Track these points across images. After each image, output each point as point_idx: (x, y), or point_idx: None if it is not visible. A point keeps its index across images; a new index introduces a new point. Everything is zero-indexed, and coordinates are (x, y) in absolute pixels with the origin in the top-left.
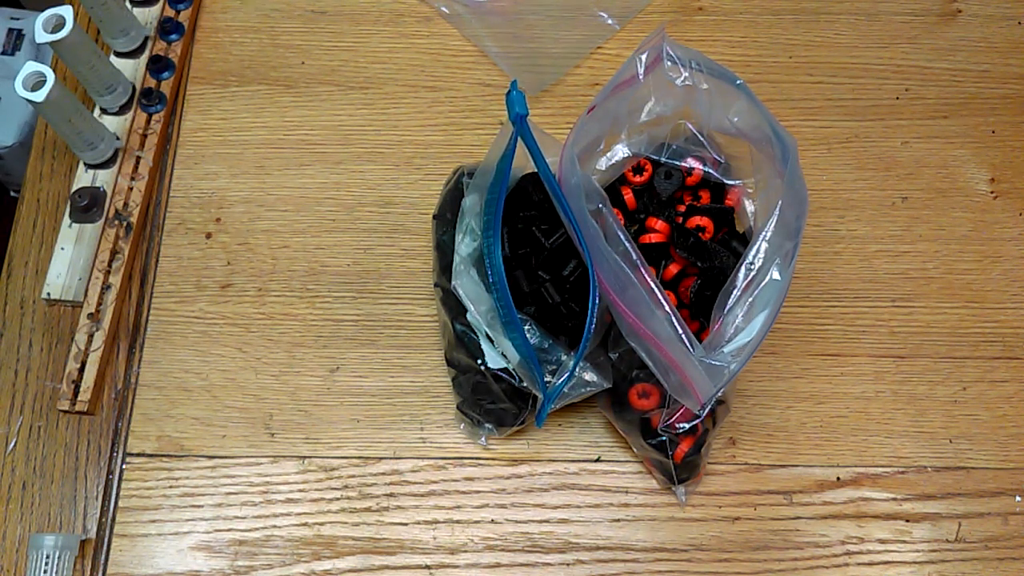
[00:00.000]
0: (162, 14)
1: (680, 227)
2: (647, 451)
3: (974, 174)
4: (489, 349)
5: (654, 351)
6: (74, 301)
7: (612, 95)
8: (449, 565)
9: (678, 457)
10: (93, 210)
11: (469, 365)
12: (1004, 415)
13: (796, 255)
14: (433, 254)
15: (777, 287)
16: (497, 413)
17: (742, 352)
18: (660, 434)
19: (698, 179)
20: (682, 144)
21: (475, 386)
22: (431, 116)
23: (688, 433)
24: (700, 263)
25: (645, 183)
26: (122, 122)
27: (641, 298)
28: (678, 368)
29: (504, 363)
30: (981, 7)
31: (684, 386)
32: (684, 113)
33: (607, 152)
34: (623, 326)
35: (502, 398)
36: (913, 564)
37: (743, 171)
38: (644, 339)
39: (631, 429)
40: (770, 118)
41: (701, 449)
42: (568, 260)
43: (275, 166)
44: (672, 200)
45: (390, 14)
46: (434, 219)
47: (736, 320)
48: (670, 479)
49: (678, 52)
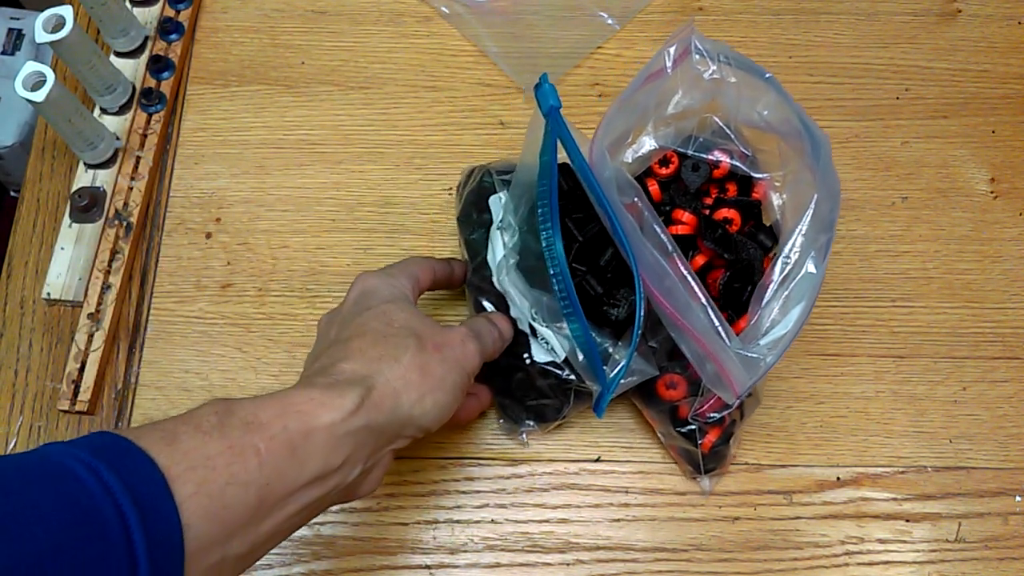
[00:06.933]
0: (162, 14)
1: (708, 219)
2: (675, 439)
3: (974, 174)
4: (535, 344)
5: (691, 341)
6: (74, 301)
7: (640, 88)
8: (449, 565)
9: (706, 447)
10: (93, 210)
11: (511, 362)
12: (1004, 415)
13: (830, 249)
14: (463, 254)
15: (812, 280)
16: (539, 409)
17: (778, 345)
18: (690, 423)
19: (725, 172)
20: (708, 137)
21: (518, 383)
22: (431, 116)
23: (716, 423)
24: (727, 255)
25: (671, 175)
26: (122, 122)
27: (678, 289)
28: (714, 359)
29: (551, 357)
30: (981, 7)
31: (720, 377)
32: (711, 106)
33: (634, 144)
34: (662, 316)
35: (546, 393)
36: (913, 564)
37: (770, 165)
38: (681, 330)
39: (661, 417)
40: (800, 112)
41: (729, 440)
42: (603, 250)
43: (275, 166)
44: (699, 193)
45: (390, 14)
46: (459, 221)
47: (772, 313)
48: (696, 468)
49: (706, 45)
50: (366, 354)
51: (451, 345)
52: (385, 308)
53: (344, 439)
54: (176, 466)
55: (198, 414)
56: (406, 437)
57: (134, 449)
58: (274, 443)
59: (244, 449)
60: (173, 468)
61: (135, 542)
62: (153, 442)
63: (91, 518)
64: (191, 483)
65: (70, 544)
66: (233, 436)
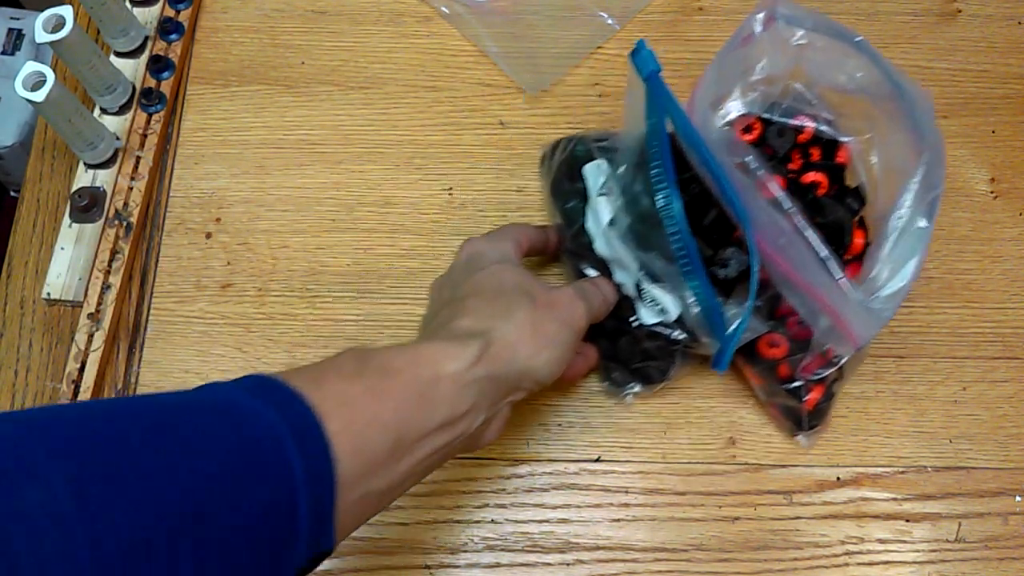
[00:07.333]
0: (162, 14)
1: (795, 183)
2: (778, 397)
3: (974, 174)
4: (641, 307)
5: (807, 297)
6: (74, 301)
7: (728, 54)
8: (449, 565)
9: (810, 404)
10: (93, 210)
11: (617, 326)
12: (1004, 415)
13: (938, 204)
14: (554, 223)
15: (924, 234)
16: (645, 371)
17: (895, 297)
18: (796, 380)
19: (809, 137)
20: (792, 102)
21: (623, 346)
22: (431, 116)
23: (819, 381)
24: (818, 218)
25: (754, 142)
26: (122, 122)
27: (795, 245)
28: (833, 313)
29: (660, 318)
30: (981, 7)
31: (836, 330)
32: (796, 72)
33: (720, 111)
34: (773, 273)
35: (653, 355)
36: (913, 564)
37: (855, 128)
38: (796, 285)
39: (767, 375)
40: (894, 73)
41: (831, 399)
42: (706, 211)
43: (275, 166)
44: (784, 158)
45: (390, 14)
46: (552, 192)
47: (889, 267)
48: (798, 425)
49: (793, 11)
50: (481, 311)
51: (561, 304)
52: (496, 269)
53: (468, 387)
54: (325, 404)
55: (338, 361)
56: (523, 390)
57: (288, 388)
58: (407, 389)
59: (381, 393)
60: (322, 406)
61: (295, 471)
62: (303, 383)
63: (256, 446)
64: (338, 421)
65: (238, 468)
66: (371, 381)
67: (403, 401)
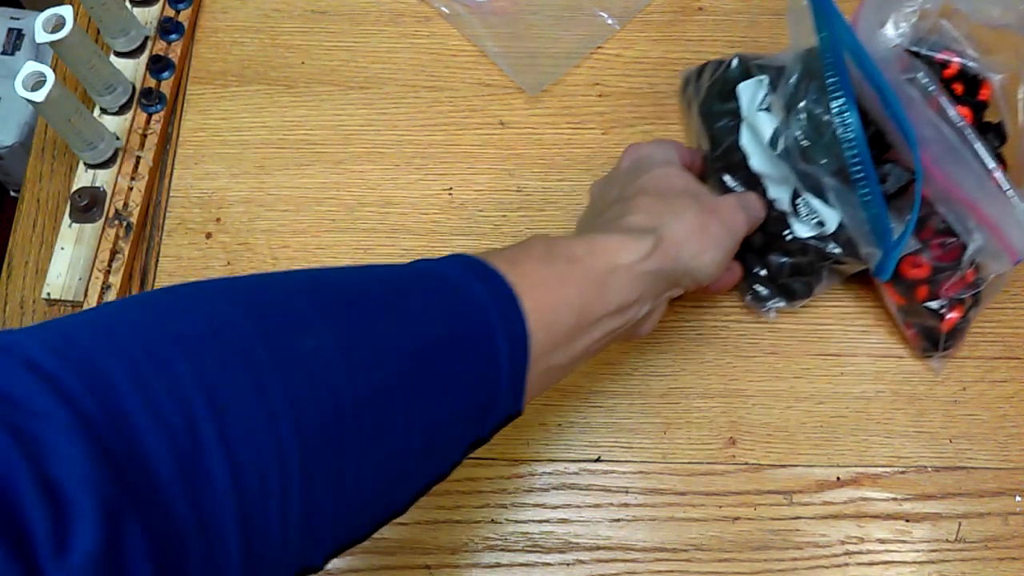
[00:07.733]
0: (162, 14)
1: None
2: (917, 316)
3: None
4: (795, 221)
5: (966, 212)
6: (74, 301)
7: None
8: (449, 565)
9: (949, 324)
10: (93, 210)
11: (767, 240)
12: (1004, 415)
13: None
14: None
15: None
16: (790, 287)
17: None
18: (939, 299)
19: (954, 72)
20: (939, 38)
21: (772, 261)
22: (431, 116)
23: (959, 303)
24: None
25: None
26: (122, 122)
27: (966, 158)
28: (994, 228)
29: (815, 232)
30: None
31: (994, 245)
32: (945, 9)
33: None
34: (934, 189)
35: (802, 270)
36: (913, 564)
37: (1001, 64)
38: (957, 201)
39: (909, 293)
40: None
41: (968, 323)
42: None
43: (275, 166)
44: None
45: (390, 14)
46: (702, 113)
47: None
48: (934, 346)
49: None
50: (651, 209)
51: (724, 210)
52: (663, 171)
53: (639, 278)
54: (520, 283)
55: (528, 245)
56: (682, 287)
57: (491, 267)
58: (588, 276)
59: (567, 277)
60: (519, 285)
61: (497, 341)
62: (501, 263)
63: (469, 316)
64: (531, 299)
65: (453, 334)
66: (559, 266)
67: (584, 286)
